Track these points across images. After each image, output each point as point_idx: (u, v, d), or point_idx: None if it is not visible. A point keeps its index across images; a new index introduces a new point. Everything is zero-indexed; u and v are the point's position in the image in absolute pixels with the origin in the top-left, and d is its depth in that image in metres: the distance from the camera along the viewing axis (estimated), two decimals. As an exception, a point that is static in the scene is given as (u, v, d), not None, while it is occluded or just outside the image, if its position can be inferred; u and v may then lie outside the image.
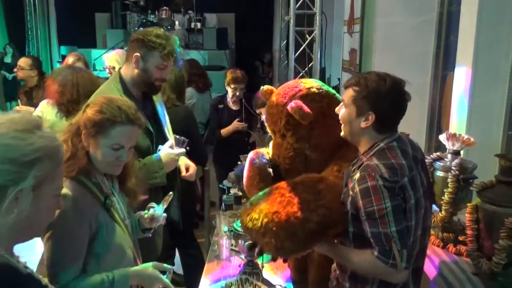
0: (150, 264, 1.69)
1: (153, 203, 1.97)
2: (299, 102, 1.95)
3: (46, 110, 2.85)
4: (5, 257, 1.04)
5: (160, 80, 2.30)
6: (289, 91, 2.05)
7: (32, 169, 1.05)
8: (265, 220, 1.60)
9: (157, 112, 2.42)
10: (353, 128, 1.67)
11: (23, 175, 1.04)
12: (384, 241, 1.51)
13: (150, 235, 1.98)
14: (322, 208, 1.62)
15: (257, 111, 3.57)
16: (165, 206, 1.96)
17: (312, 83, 2.08)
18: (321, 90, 2.04)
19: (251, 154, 2.23)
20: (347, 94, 1.66)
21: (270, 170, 2.13)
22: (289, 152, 2.09)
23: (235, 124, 3.97)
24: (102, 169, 1.72)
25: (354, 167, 1.70)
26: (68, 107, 2.67)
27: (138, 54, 2.22)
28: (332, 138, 1.95)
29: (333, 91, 2.09)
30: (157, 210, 1.92)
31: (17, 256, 1.11)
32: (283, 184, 1.78)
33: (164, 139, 2.38)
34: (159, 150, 2.30)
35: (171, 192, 2.05)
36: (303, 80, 2.16)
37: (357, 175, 1.58)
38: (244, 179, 2.20)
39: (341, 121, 1.72)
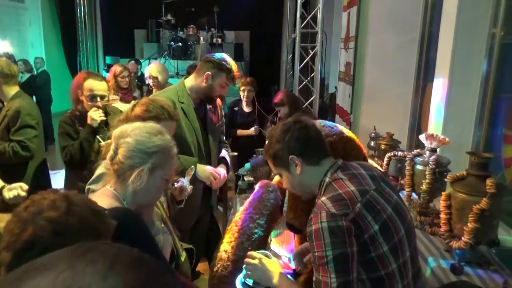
0: None
1: (179, 176, 1.96)
2: None
3: None
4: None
5: (219, 95, 2.45)
6: None
7: (151, 158, 1.32)
8: None
9: (207, 115, 2.48)
10: (298, 181, 1.38)
11: (145, 160, 1.31)
12: None
13: (183, 206, 1.96)
14: None
15: (277, 109, 3.60)
16: (189, 177, 1.96)
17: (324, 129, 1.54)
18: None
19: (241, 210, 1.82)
20: (272, 167, 1.43)
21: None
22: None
23: (252, 131, 4.04)
24: None
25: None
26: None
27: (210, 73, 2.32)
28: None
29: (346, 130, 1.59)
30: (184, 181, 1.92)
31: None
32: None
33: (206, 137, 2.44)
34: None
35: (192, 166, 2.10)
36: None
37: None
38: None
39: (289, 188, 1.45)
